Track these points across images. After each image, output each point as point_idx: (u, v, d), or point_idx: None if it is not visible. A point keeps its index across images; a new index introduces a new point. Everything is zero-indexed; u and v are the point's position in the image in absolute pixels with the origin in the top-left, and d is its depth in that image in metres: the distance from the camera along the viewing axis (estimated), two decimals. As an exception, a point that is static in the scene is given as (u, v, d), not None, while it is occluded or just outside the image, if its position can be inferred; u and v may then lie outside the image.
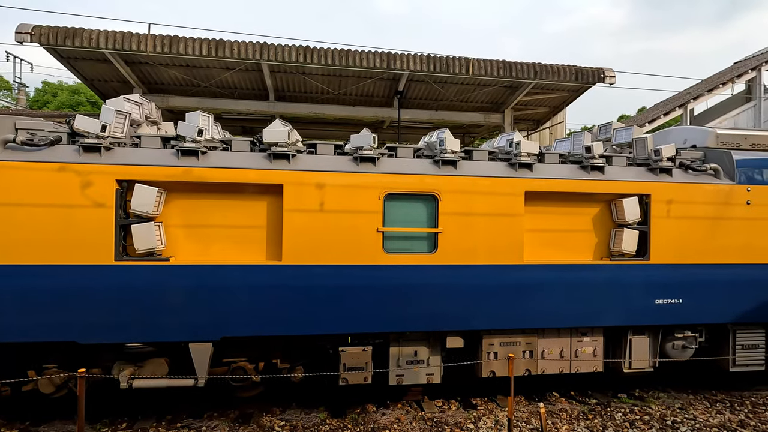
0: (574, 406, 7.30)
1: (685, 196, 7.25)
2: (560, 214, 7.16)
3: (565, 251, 7.16)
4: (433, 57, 10.27)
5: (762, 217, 7.44)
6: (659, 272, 7.16)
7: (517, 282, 6.79)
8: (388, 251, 6.48)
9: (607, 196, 7.17)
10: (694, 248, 7.25)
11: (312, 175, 6.30)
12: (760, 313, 7.56)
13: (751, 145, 8.06)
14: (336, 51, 9.79)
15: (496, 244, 6.70)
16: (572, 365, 7.25)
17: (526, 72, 10.58)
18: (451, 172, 6.66)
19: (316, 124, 13.68)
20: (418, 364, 6.92)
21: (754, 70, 14.58)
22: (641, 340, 7.42)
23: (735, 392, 7.95)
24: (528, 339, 7.12)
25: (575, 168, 7.15)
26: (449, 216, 6.61)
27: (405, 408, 7.22)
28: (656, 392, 7.89)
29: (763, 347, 7.75)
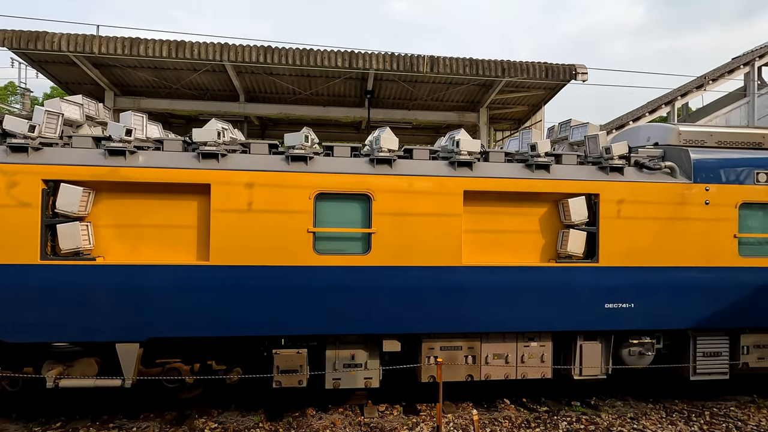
0: (520, 413, 7.04)
1: (637, 195, 6.94)
2: (506, 215, 6.92)
3: (511, 253, 6.92)
4: (397, 55, 10.11)
5: (722, 218, 7.07)
6: (609, 275, 6.85)
7: (456, 284, 6.58)
8: (320, 252, 6.35)
9: (554, 196, 6.91)
10: (648, 250, 6.92)
11: (241, 174, 6.22)
12: (723, 319, 7.18)
13: (717, 142, 7.68)
14: (297, 51, 9.73)
15: (433, 246, 6.51)
16: (518, 371, 6.99)
17: (494, 70, 10.32)
18: (386, 171, 6.50)
19: (295, 125, 13.65)
20: (355, 367, 6.77)
21: (747, 65, 13.98)
22: (592, 346, 7.12)
23: (698, 402, 7.57)
24: (470, 343, 6.89)
25: (520, 167, 6.91)
26: (383, 216, 6.45)
27: (346, 412, 7.08)
28: (614, 400, 7.57)
29: (726, 355, 7.36)
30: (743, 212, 7.16)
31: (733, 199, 7.11)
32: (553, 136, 8.62)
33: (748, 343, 7.41)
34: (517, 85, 11.52)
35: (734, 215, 7.11)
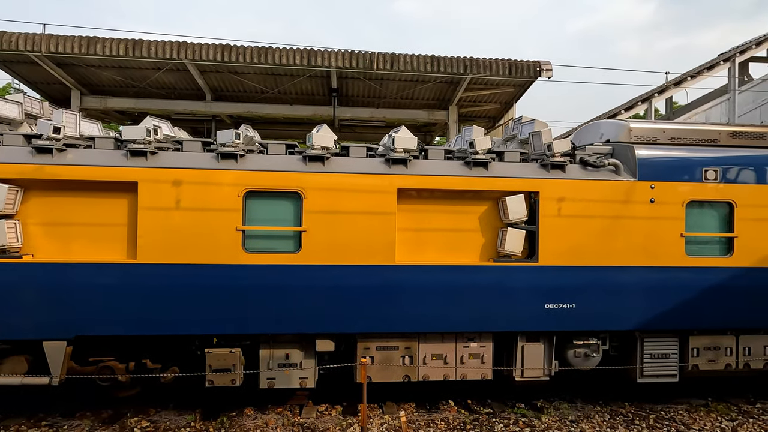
0: (459, 415, 6.92)
1: (579, 193, 6.78)
2: (446, 213, 6.80)
3: (451, 252, 6.79)
4: (357, 53, 10.02)
5: (668, 216, 6.89)
6: (549, 275, 6.71)
7: (389, 284, 6.48)
8: (249, 250, 6.29)
9: (494, 194, 6.78)
10: (590, 249, 6.76)
11: (168, 172, 6.18)
12: (670, 321, 6.99)
13: (669, 139, 7.48)
14: (255, 48, 9.70)
15: (366, 244, 6.41)
16: (458, 372, 6.88)
17: (455, 66, 10.19)
18: (319, 169, 6.43)
19: (270, 124, 13.64)
20: (290, 367, 6.70)
21: (727, 61, 13.64)
22: (535, 347, 6.97)
23: (647, 405, 7.38)
24: (407, 343, 6.78)
25: (459, 164, 6.79)
26: (315, 214, 6.37)
27: (285, 412, 7.02)
28: (561, 403, 7.41)
29: (675, 357, 7.17)
30: (690, 210, 6.97)
31: (680, 197, 6.92)
32: (507, 134, 8.49)
33: (698, 345, 7.21)
34: (485, 82, 11.37)
35: (681, 214, 6.92)
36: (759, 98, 13.77)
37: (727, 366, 7.25)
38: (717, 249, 7.06)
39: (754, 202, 7.02)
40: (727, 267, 6.98)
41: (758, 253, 7.01)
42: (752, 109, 13.69)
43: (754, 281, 7.01)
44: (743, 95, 13.81)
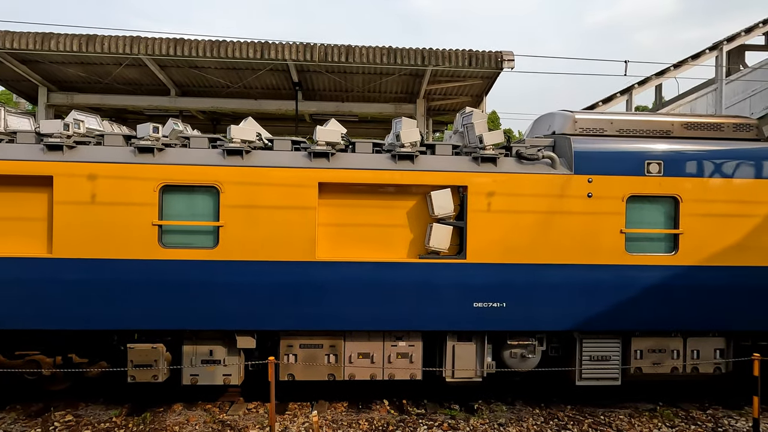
0: (387, 416, 6.74)
1: (510, 187, 6.50)
2: (373, 208, 6.60)
3: (378, 248, 6.59)
4: (311, 45, 9.84)
5: (606, 212, 6.55)
6: (477, 272, 6.45)
7: (310, 280, 6.33)
8: (166, 245, 6.21)
9: (422, 189, 6.54)
10: (522, 246, 6.48)
11: (84, 166, 6.13)
12: (611, 321, 6.67)
13: (618, 130, 7.12)
14: (208, 42, 9.58)
15: (285, 240, 6.27)
16: (385, 371, 6.68)
17: (413, 58, 9.89)
18: (237, 163, 6.30)
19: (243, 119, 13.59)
20: (213, 363, 6.62)
21: (714, 50, 12.94)
22: (466, 347, 6.73)
23: (589, 408, 7.05)
24: (332, 341, 6.62)
25: (385, 158, 6.58)
26: (232, 209, 6.25)
27: (213, 409, 6.95)
28: (499, 404, 7.15)
29: (617, 359, 6.84)
30: (631, 205, 6.61)
31: (620, 191, 6.57)
32: (455, 127, 8.21)
33: (642, 347, 6.86)
34: (451, 74, 11.08)
35: (621, 209, 6.57)
36: (750, 88, 13.11)
37: (673, 369, 6.88)
38: (661, 246, 6.69)
39: (700, 197, 6.62)
40: (671, 265, 6.61)
41: (705, 250, 6.62)
42: (742, 99, 13.02)
43: (701, 280, 6.63)
44: (733, 85, 13.15)
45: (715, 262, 6.64)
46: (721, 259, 6.64)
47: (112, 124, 7.33)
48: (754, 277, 6.67)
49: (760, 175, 6.73)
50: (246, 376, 6.93)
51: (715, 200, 6.63)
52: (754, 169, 6.73)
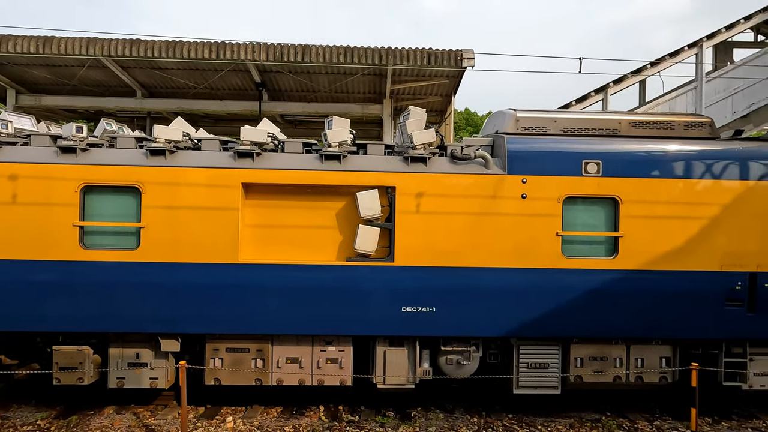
0: (318, 422, 6.56)
1: (440, 188, 6.29)
2: (301, 209, 6.46)
3: (307, 250, 6.43)
4: (266, 45, 9.74)
5: (542, 213, 6.30)
6: (405, 276, 6.25)
7: (234, 283, 6.19)
8: (87, 247, 6.13)
9: (351, 189, 6.36)
10: (453, 249, 6.26)
11: (6, 166, 6.08)
12: (548, 327, 6.41)
13: (562, 129, 6.86)
14: (163, 42, 9.54)
15: (207, 241, 6.15)
16: (314, 377, 6.51)
17: (370, 57, 9.73)
18: (159, 163, 6.20)
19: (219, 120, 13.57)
20: (140, 366, 6.52)
21: (693, 47, 12.49)
22: (397, 352, 6.52)
23: (529, 417, 6.79)
24: (259, 346, 6.47)
25: (313, 158, 6.42)
26: (154, 210, 6.15)
27: (145, 412, 6.85)
28: (437, 412, 6.93)
29: (555, 367, 6.57)
30: (568, 207, 6.35)
31: (556, 192, 6.32)
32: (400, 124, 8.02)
33: (582, 355, 6.59)
34: (416, 73, 10.89)
35: (557, 210, 6.32)
36: (731, 86, 12.66)
37: (616, 378, 6.59)
38: (600, 249, 6.42)
39: (642, 198, 6.33)
40: (610, 269, 6.33)
41: (646, 254, 6.33)
42: (723, 97, 12.56)
43: (642, 285, 6.34)
44: (714, 83, 12.70)
45: (657, 267, 6.34)
46: (664, 263, 6.34)
47: (49, 124, 7.29)
48: (699, 283, 6.36)
49: (706, 175, 6.43)
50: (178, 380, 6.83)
51: (657, 202, 6.34)
52: (699, 169, 6.42)
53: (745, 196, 6.41)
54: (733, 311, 6.40)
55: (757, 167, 6.47)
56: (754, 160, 6.48)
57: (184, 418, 5.65)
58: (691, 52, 12.28)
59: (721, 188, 6.41)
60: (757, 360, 6.65)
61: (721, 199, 6.40)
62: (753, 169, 6.46)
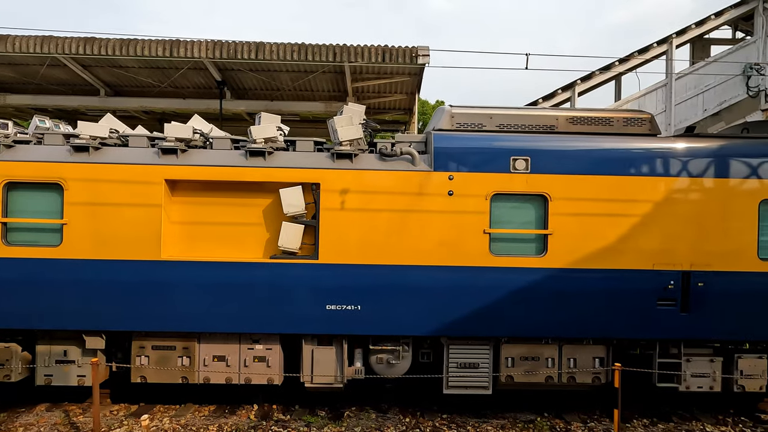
0: (246, 421, 6.50)
1: (366, 185, 6.21)
2: (228, 206, 6.41)
3: (235, 247, 6.38)
4: (221, 42, 9.71)
5: (469, 210, 6.20)
6: (329, 273, 6.18)
7: (157, 280, 6.16)
8: (11, 243, 6.12)
9: (276, 186, 6.29)
10: (378, 246, 6.19)
11: (-72, 163, 6.11)
12: (477, 327, 6.32)
13: (498, 125, 6.75)
14: (116, 41, 9.56)
15: (130, 238, 6.12)
16: (241, 375, 6.46)
17: (324, 54, 9.65)
18: (83, 160, 6.17)
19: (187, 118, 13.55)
20: (68, 364, 6.50)
21: (663, 44, 12.28)
22: (325, 351, 6.45)
23: (462, 417, 6.69)
24: (186, 343, 6.42)
25: (238, 154, 6.37)
26: (77, 206, 6.12)
27: (78, 410, 6.83)
28: (369, 411, 6.85)
29: (486, 366, 6.46)
30: (496, 204, 6.25)
31: (484, 189, 6.22)
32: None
33: (513, 355, 6.48)
34: (377, 71, 10.82)
35: (485, 207, 6.22)
36: (702, 83, 12.44)
37: (548, 378, 6.48)
38: (529, 247, 6.31)
39: (571, 195, 6.21)
40: (539, 268, 6.23)
41: (576, 252, 6.21)
42: (694, 94, 12.33)
43: (572, 284, 6.22)
44: (685, 80, 12.47)
45: (587, 265, 6.22)
46: (595, 261, 6.22)
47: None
48: (630, 282, 6.24)
49: (639, 172, 6.30)
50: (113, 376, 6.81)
51: (587, 199, 6.22)
52: (631, 166, 6.30)
53: (677, 193, 6.28)
54: (665, 311, 6.27)
55: (691, 164, 6.33)
56: (688, 158, 6.34)
57: (96, 416, 5.63)
58: (660, 48, 12.09)
59: (654, 186, 6.28)
60: (694, 361, 6.52)
61: (654, 196, 6.27)
62: (687, 167, 6.32)
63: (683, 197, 6.28)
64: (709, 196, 6.31)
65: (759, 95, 12.08)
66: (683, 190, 6.29)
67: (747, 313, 6.33)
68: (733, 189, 6.33)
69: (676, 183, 6.30)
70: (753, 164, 6.35)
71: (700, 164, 6.35)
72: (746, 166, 6.36)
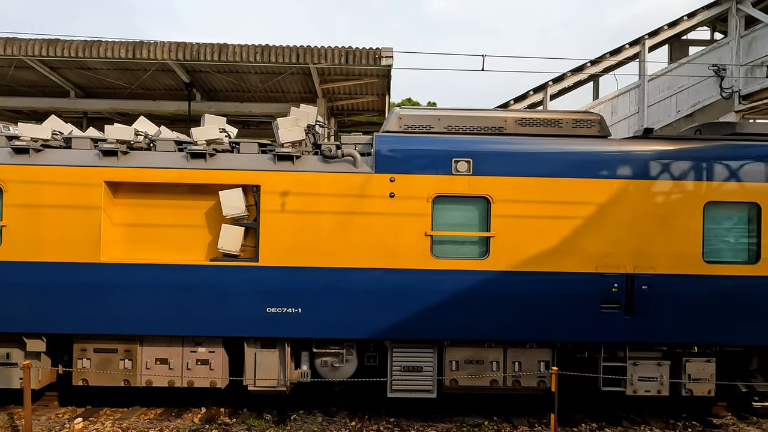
0: (186, 424, 6.46)
1: (306, 187, 6.17)
2: (171, 208, 6.38)
3: (178, 249, 6.35)
4: (184, 44, 9.71)
5: (410, 213, 6.16)
6: (270, 276, 6.14)
7: (96, 282, 6.13)
8: (-53, 245, 6.12)
9: (219, 188, 6.26)
10: (319, 249, 6.14)
11: None
12: (421, 330, 6.27)
13: (446, 127, 6.71)
14: (80, 42, 9.56)
15: (69, 240, 6.09)
16: (184, 378, 6.42)
17: (287, 56, 9.63)
18: (23, 162, 6.15)
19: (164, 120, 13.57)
20: (10, 366, 6.47)
21: (635, 45, 12.20)
22: (268, 354, 6.41)
23: (409, 421, 6.63)
24: (127, 346, 6.39)
25: (180, 156, 6.34)
26: (16, 208, 6.10)
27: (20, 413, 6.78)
28: (316, 415, 6.80)
29: (430, 370, 6.41)
30: (438, 206, 6.20)
31: (425, 191, 6.17)
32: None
33: (458, 358, 6.42)
34: (346, 73, 10.81)
35: (426, 210, 6.17)
36: (676, 84, 12.37)
37: (493, 382, 6.42)
38: (472, 250, 6.26)
39: (514, 197, 6.17)
40: (481, 270, 6.18)
41: (518, 254, 6.16)
42: (668, 96, 12.25)
43: (515, 287, 6.17)
44: (658, 81, 12.39)
45: (530, 267, 6.17)
46: (537, 264, 6.17)
47: None
48: (573, 284, 6.18)
49: (584, 174, 6.24)
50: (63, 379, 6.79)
51: (530, 201, 6.17)
52: (575, 168, 6.24)
53: (622, 196, 6.22)
54: (609, 314, 6.21)
55: (636, 167, 6.27)
56: (634, 160, 6.29)
57: (27, 419, 5.60)
58: (633, 50, 12.03)
59: (598, 188, 6.23)
60: (641, 364, 6.45)
61: (599, 198, 6.22)
62: (633, 169, 6.27)
63: (628, 199, 6.22)
64: (654, 198, 6.26)
65: (732, 96, 12.03)
66: (628, 193, 6.23)
67: (693, 316, 6.26)
68: (679, 191, 6.27)
69: (621, 185, 6.24)
70: (699, 166, 6.30)
71: (645, 166, 6.29)
72: (692, 169, 6.30)
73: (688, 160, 6.32)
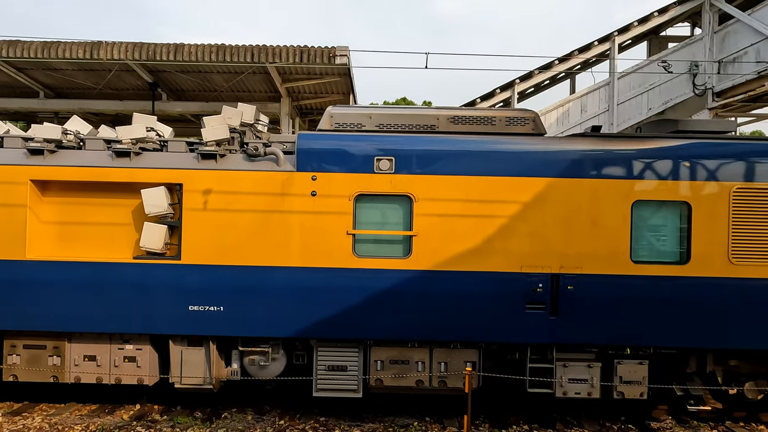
0: (116, 420, 6.50)
1: (229, 185, 6.17)
2: (99, 206, 6.42)
3: (105, 247, 6.39)
4: (140, 44, 9.77)
5: (331, 211, 6.12)
6: (192, 274, 6.15)
7: (23, 279, 6.20)
8: None
9: (144, 186, 6.30)
10: (241, 247, 6.14)
11: None
12: (345, 329, 6.23)
13: (378, 125, 6.66)
14: (39, 43, 9.67)
15: (-6, 238, 6.18)
16: (112, 375, 6.46)
17: (242, 55, 9.62)
18: None
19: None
20: (-55, 363, 6.58)
21: (604, 41, 11.97)
22: (193, 352, 6.42)
23: (337, 421, 6.59)
24: (56, 343, 6.45)
25: (106, 155, 6.38)
26: (-56, 206, 6.21)
27: None
28: (247, 413, 6.81)
29: (355, 369, 6.37)
30: (360, 205, 6.16)
31: (347, 189, 6.13)
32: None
33: (383, 358, 6.37)
34: (307, 72, 10.79)
35: (348, 208, 6.13)
36: (647, 81, 12.12)
37: (418, 382, 6.36)
38: (394, 249, 6.20)
39: (436, 196, 6.10)
40: (404, 269, 6.12)
41: (441, 254, 6.09)
42: (639, 93, 12.00)
43: (437, 286, 6.10)
44: (629, 79, 12.14)
45: (453, 267, 6.09)
46: (461, 263, 6.09)
47: None
48: (497, 284, 6.09)
49: (510, 172, 6.15)
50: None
51: (453, 200, 6.09)
52: (500, 166, 6.15)
53: (549, 194, 6.12)
54: (534, 314, 6.11)
55: (565, 165, 6.16)
56: (563, 158, 6.18)
57: (-54, 414, 5.68)
58: (602, 47, 11.83)
59: (524, 186, 6.13)
60: (571, 366, 6.34)
61: (525, 197, 6.12)
62: (561, 167, 6.16)
63: (555, 198, 6.11)
64: (581, 197, 6.14)
65: (706, 93, 11.78)
66: (555, 191, 6.12)
67: (622, 317, 6.14)
68: (607, 190, 6.14)
69: (548, 184, 6.13)
70: (628, 166, 6.16)
71: (574, 165, 6.17)
72: (621, 168, 6.17)
73: (618, 159, 6.19)
